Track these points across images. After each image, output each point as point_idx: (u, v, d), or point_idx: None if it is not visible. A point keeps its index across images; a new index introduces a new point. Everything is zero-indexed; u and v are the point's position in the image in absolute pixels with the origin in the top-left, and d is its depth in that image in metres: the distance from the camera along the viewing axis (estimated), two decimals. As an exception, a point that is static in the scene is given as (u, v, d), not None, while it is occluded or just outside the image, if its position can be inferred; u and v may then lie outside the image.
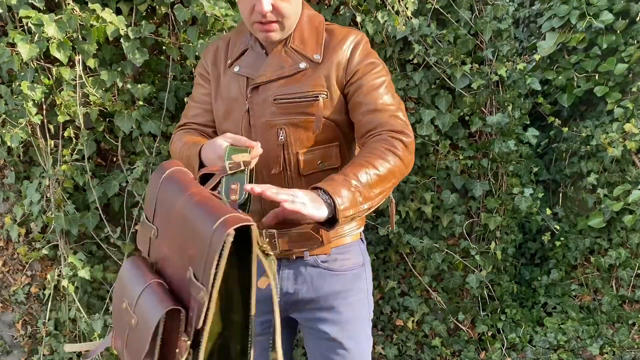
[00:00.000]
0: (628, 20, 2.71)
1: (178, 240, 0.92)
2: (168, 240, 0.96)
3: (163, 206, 0.99)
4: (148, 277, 0.94)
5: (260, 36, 1.28)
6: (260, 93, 1.31)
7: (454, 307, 2.69)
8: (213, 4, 2.03)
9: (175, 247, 0.94)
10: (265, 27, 1.24)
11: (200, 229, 0.86)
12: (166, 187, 1.00)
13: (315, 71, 1.30)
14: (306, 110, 1.29)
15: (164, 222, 0.98)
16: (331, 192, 1.07)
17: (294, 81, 1.30)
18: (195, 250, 0.86)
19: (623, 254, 2.70)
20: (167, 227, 0.97)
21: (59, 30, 1.94)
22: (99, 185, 2.21)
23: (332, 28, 1.36)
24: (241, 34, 1.39)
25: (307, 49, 1.31)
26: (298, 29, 1.33)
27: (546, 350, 2.60)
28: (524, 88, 2.60)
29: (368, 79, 1.31)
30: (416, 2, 2.41)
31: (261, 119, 1.31)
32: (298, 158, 1.31)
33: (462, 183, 2.60)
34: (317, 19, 1.37)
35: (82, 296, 2.28)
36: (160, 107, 2.25)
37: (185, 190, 0.95)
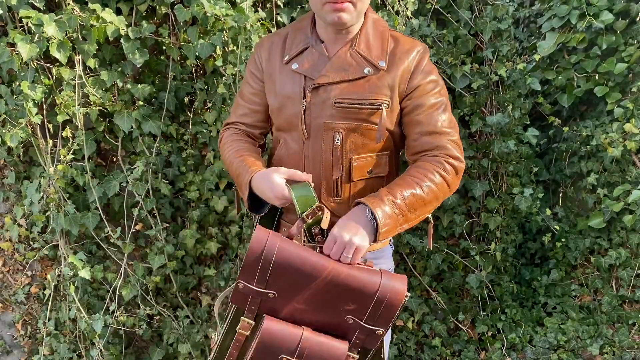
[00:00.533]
0: (628, 20, 2.71)
1: (325, 299, 1.13)
2: (304, 300, 1.13)
3: (292, 279, 1.12)
4: (297, 329, 1.12)
5: (330, 18, 1.22)
6: (320, 94, 1.28)
7: (454, 307, 2.69)
8: (214, 3, 2.03)
9: (318, 304, 1.13)
10: (337, 5, 1.19)
11: (370, 291, 1.12)
12: (290, 262, 1.11)
13: (380, 79, 1.28)
14: (367, 118, 1.28)
15: (294, 288, 1.12)
16: (376, 214, 1.16)
17: (357, 86, 1.28)
18: (358, 306, 1.12)
19: (623, 254, 2.70)
20: (300, 292, 1.12)
21: (58, 30, 1.94)
22: (99, 185, 2.21)
23: (397, 36, 1.34)
24: (300, 31, 1.35)
25: (372, 55, 1.28)
26: (363, 32, 1.30)
27: (546, 350, 2.60)
28: (524, 88, 2.60)
29: (429, 98, 1.30)
30: (416, 2, 2.41)
31: (318, 120, 1.29)
32: (351, 164, 1.31)
33: (462, 183, 2.60)
34: (381, 23, 1.35)
35: (82, 296, 2.28)
36: (160, 107, 2.25)
37: (321, 270, 1.11)
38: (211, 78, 2.29)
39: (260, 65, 1.39)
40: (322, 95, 1.28)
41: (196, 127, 2.32)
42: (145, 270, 2.32)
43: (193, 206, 2.36)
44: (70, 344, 2.36)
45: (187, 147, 2.32)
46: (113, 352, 2.32)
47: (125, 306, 2.36)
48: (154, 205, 2.26)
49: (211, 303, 2.51)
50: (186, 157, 2.32)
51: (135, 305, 2.37)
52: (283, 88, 1.33)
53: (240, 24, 2.08)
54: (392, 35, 1.33)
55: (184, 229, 2.35)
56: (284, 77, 1.33)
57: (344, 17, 1.22)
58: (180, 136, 2.34)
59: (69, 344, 2.36)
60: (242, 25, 2.09)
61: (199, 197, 2.33)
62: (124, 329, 2.33)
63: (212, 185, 2.30)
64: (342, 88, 1.27)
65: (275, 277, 1.11)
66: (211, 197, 2.32)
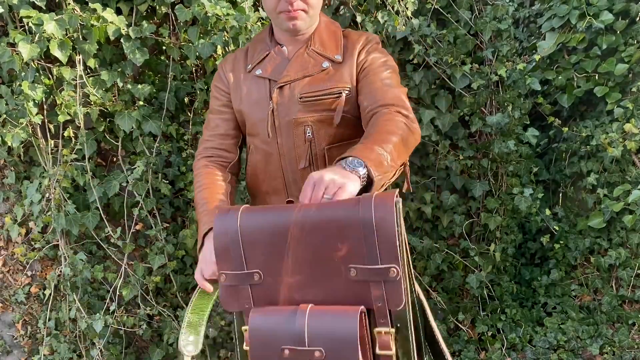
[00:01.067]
0: (628, 21, 2.71)
1: (311, 256, 0.92)
2: (292, 269, 0.94)
3: (265, 243, 0.96)
4: (293, 311, 0.91)
5: (285, 25, 1.33)
6: (285, 93, 1.37)
7: (454, 307, 2.69)
8: (215, 3, 2.03)
9: (308, 267, 0.93)
10: (291, 14, 1.30)
11: (351, 221, 0.88)
12: (256, 225, 0.97)
13: (338, 70, 1.37)
14: (332, 107, 1.35)
15: (274, 257, 0.96)
16: (359, 156, 1.06)
17: (318, 80, 1.36)
18: (349, 247, 0.89)
19: (623, 254, 2.70)
20: (282, 258, 0.95)
21: (59, 29, 1.94)
22: (99, 185, 2.20)
23: (348, 33, 1.45)
24: (260, 42, 1.46)
25: (327, 51, 1.38)
26: (317, 33, 1.41)
27: (546, 350, 2.60)
28: (524, 88, 2.60)
29: (373, 67, 1.37)
30: (416, 2, 2.41)
31: (286, 117, 1.37)
32: (324, 153, 1.37)
33: (462, 183, 2.60)
34: (333, 24, 1.46)
35: (82, 296, 2.28)
36: (161, 107, 2.25)
37: (292, 210, 0.94)
38: (211, 78, 2.29)
39: (224, 79, 1.48)
40: (287, 94, 1.36)
41: (196, 127, 2.32)
42: (146, 270, 2.32)
43: (193, 206, 2.36)
44: (71, 344, 2.36)
45: (187, 147, 2.32)
46: (113, 352, 2.32)
47: (125, 306, 2.36)
48: (154, 205, 2.26)
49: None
50: (186, 157, 2.32)
51: (136, 305, 2.37)
52: (250, 94, 1.42)
53: (242, 23, 2.08)
54: (343, 33, 1.44)
55: (184, 229, 2.35)
56: (249, 84, 1.42)
57: (298, 24, 1.33)
58: (180, 136, 2.34)
59: (69, 344, 2.35)
60: (244, 25, 2.09)
61: (199, 197, 2.33)
62: (124, 329, 2.33)
63: (212, 185, 2.30)
64: (305, 83, 1.36)
65: (250, 249, 0.97)
66: (211, 197, 2.32)
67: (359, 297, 0.90)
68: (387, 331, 0.87)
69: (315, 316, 0.89)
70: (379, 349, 0.88)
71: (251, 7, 2.20)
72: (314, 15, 1.36)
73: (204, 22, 2.07)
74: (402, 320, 0.89)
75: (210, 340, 2.48)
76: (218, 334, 2.49)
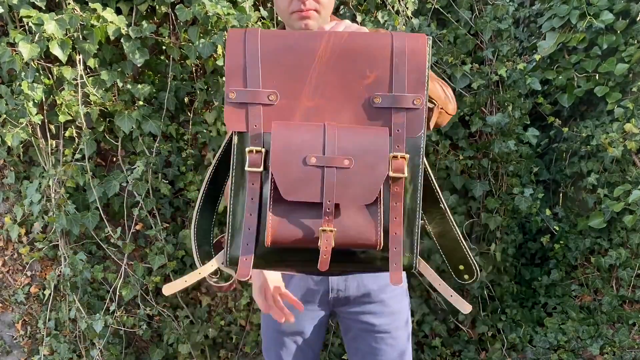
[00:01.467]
0: (628, 20, 2.71)
1: (336, 81, 0.92)
2: (312, 92, 0.92)
3: (288, 65, 0.92)
4: (319, 125, 0.90)
5: (297, 25, 1.31)
6: None
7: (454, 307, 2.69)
8: (215, 2, 2.03)
9: (330, 91, 0.92)
10: (303, 14, 1.27)
11: (384, 49, 0.91)
12: (281, 45, 0.92)
13: None
14: None
15: (295, 79, 0.92)
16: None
17: None
18: (377, 74, 0.91)
19: (623, 254, 2.70)
20: (304, 81, 0.92)
21: (59, 29, 1.94)
22: (99, 185, 2.20)
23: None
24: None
25: None
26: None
27: (546, 351, 2.60)
28: (524, 88, 2.60)
29: None
30: (416, 2, 2.41)
31: None
32: None
33: (462, 183, 2.60)
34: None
35: (82, 296, 2.28)
36: (160, 107, 2.25)
37: (323, 34, 0.93)
38: (211, 78, 2.29)
39: None
40: None
41: (196, 127, 2.32)
42: (145, 270, 2.32)
43: (193, 206, 2.35)
44: (70, 344, 2.36)
45: (187, 147, 2.32)
46: (113, 352, 2.32)
47: (125, 306, 2.36)
48: (154, 205, 2.26)
49: (211, 303, 2.51)
50: (186, 157, 2.32)
51: (135, 305, 2.37)
52: None
53: (243, 23, 2.08)
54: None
55: (183, 229, 2.35)
56: None
57: (310, 24, 1.30)
58: (180, 136, 2.34)
59: (69, 344, 2.35)
60: (244, 25, 2.09)
61: (199, 197, 2.33)
62: (124, 329, 2.33)
63: (212, 185, 2.30)
64: None
65: (269, 69, 0.92)
66: (211, 197, 2.32)
67: (377, 123, 0.92)
68: (402, 155, 0.90)
69: (344, 130, 0.90)
70: (392, 171, 0.90)
71: (251, 7, 2.19)
72: (325, 15, 1.34)
73: (204, 21, 2.07)
74: (416, 148, 0.94)
75: (210, 340, 2.48)
76: (218, 334, 2.49)
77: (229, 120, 0.93)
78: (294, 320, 1.28)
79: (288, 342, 1.41)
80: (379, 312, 1.37)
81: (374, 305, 1.37)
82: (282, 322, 1.26)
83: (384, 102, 0.92)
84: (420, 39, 0.94)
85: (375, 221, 0.89)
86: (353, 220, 0.88)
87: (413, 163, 0.94)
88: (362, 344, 1.40)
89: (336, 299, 1.37)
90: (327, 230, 0.86)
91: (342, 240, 0.88)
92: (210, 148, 2.34)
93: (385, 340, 1.38)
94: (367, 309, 1.37)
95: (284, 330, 1.39)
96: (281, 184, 0.87)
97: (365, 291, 1.36)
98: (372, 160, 0.88)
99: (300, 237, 0.88)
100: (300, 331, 1.39)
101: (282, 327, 1.38)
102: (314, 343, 1.43)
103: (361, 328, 1.39)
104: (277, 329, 1.39)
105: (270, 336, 1.42)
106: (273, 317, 1.28)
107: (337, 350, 2.55)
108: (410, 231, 0.94)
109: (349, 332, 1.42)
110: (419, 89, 0.92)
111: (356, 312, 1.38)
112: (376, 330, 1.37)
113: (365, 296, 1.36)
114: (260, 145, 0.92)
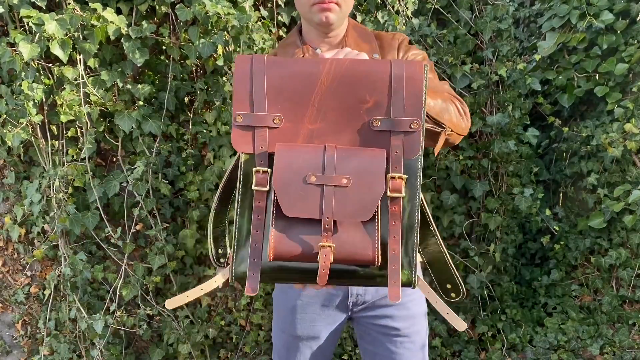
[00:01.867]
0: (628, 20, 2.71)
1: (338, 105, 0.97)
2: (315, 116, 0.97)
3: (292, 90, 0.98)
4: (319, 147, 0.95)
5: (317, 18, 1.29)
6: None
7: (454, 307, 2.69)
8: (215, 2, 2.03)
9: (332, 115, 0.97)
10: (324, 6, 1.27)
11: (383, 75, 0.96)
12: (286, 72, 0.98)
13: None
14: None
15: (298, 104, 0.98)
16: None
17: None
18: (376, 99, 0.97)
19: (623, 254, 2.70)
20: (307, 106, 0.97)
21: (59, 28, 1.94)
22: (99, 185, 2.20)
23: (378, 33, 1.43)
24: (290, 45, 1.42)
25: (363, 51, 1.33)
26: (349, 34, 1.37)
27: (546, 351, 2.60)
28: (524, 88, 2.60)
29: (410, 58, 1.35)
30: (416, 2, 2.41)
31: None
32: None
33: (462, 183, 2.60)
34: (362, 26, 1.44)
35: (82, 296, 2.28)
36: (161, 107, 2.25)
37: (325, 61, 0.98)
38: (211, 78, 2.29)
39: None
40: None
41: (196, 127, 2.32)
42: (145, 270, 2.32)
43: (193, 206, 2.35)
44: (70, 344, 2.36)
45: (187, 147, 2.32)
46: (113, 352, 2.32)
47: (125, 306, 2.36)
48: (154, 205, 2.26)
49: (211, 303, 2.51)
50: (186, 157, 2.32)
51: (136, 305, 2.37)
52: None
53: (243, 23, 2.08)
54: (375, 34, 1.42)
55: (184, 229, 2.35)
56: None
57: (330, 17, 1.29)
58: (180, 136, 2.34)
59: (69, 344, 2.35)
60: (245, 25, 2.09)
61: (199, 197, 2.33)
62: (124, 329, 2.33)
63: (212, 185, 2.30)
64: None
65: (275, 94, 0.98)
66: (211, 197, 2.32)
67: (376, 145, 0.98)
68: (400, 176, 0.96)
69: (343, 151, 0.95)
70: (390, 191, 0.95)
71: (251, 7, 2.19)
72: (346, 10, 1.33)
73: (205, 21, 2.07)
74: (414, 169, 0.99)
75: (210, 340, 2.48)
76: (218, 334, 2.49)
77: (237, 142, 0.98)
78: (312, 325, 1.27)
79: (302, 347, 1.38)
80: (398, 316, 1.35)
81: (393, 308, 1.35)
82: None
83: (383, 126, 0.97)
84: (417, 67, 0.98)
85: (373, 238, 0.93)
86: (351, 237, 0.93)
87: (411, 183, 0.99)
88: (381, 348, 1.38)
89: (355, 303, 1.35)
90: (325, 246, 0.90)
91: (340, 255, 0.92)
92: (210, 148, 2.34)
93: (404, 344, 1.36)
94: (386, 313, 1.35)
95: (300, 335, 1.36)
96: (283, 201, 0.92)
97: (384, 294, 1.34)
98: (370, 179, 0.93)
99: (300, 252, 0.92)
100: (316, 336, 1.37)
101: (297, 331, 1.36)
102: (327, 349, 1.41)
103: (380, 332, 1.37)
104: (292, 334, 1.37)
105: (283, 340, 1.40)
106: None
107: (337, 350, 2.55)
108: (409, 249, 0.99)
109: (366, 336, 1.40)
110: (416, 113, 0.97)
111: (375, 315, 1.36)
112: (395, 334, 1.35)
113: (384, 299, 1.34)
114: (266, 166, 0.97)
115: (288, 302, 1.37)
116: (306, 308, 1.33)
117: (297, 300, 1.34)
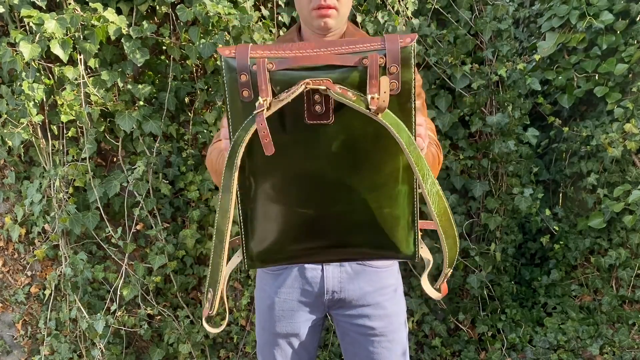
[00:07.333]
0: (628, 21, 2.71)
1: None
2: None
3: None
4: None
5: (316, 23, 1.31)
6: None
7: (454, 307, 2.70)
8: (216, 2, 2.03)
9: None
10: (322, 11, 1.28)
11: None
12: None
13: None
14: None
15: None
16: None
17: None
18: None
19: (623, 254, 2.70)
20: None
21: (59, 28, 1.94)
22: (99, 185, 2.21)
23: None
24: (289, 42, 1.41)
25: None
26: (348, 35, 1.38)
27: (546, 351, 2.60)
28: (524, 88, 2.60)
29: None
30: (416, 2, 2.41)
31: None
32: None
33: (462, 183, 2.61)
34: (360, 31, 1.45)
35: (82, 296, 2.28)
36: (161, 107, 2.25)
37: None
38: (211, 78, 2.29)
39: None
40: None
41: (196, 127, 2.32)
42: (146, 270, 2.32)
43: (193, 206, 2.36)
44: (71, 344, 2.36)
45: (187, 147, 2.33)
46: (114, 352, 2.32)
47: (125, 306, 2.36)
48: (154, 205, 2.26)
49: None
50: (186, 157, 2.33)
51: (136, 305, 2.38)
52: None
53: (244, 23, 2.08)
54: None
55: (184, 229, 2.35)
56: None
57: (329, 23, 1.31)
58: (180, 136, 2.34)
59: (69, 344, 2.36)
60: (246, 25, 2.09)
61: (199, 197, 2.33)
62: (125, 329, 2.33)
63: (212, 185, 2.30)
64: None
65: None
66: (211, 197, 2.33)
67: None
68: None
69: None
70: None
71: (252, 7, 2.20)
72: (344, 14, 1.34)
73: (205, 22, 2.07)
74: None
75: (210, 340, 2.48)
76: (218, 334, 2.49)
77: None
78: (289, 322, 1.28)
79: (283, 343, 1.40)
80: (375, 315, 1.36)
81: (370, 307, 1.35)
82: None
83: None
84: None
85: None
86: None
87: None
88: (360, 348, 1.39)
89: (331, 300, 1.36)
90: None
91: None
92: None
93: (382, 343, 1.37)
94: (363, 312, 1.36)
95: (279, 332, 1.38)
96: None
97: (360, 293, 1.35)
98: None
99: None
100: (295, 333, 1.38)
101: (276, 328, 1.37)
102: (309, 345, 1.42)
103: (358, 332, 1.37)
104: (271, 331, 1.39)
105: (264, 338, 1.42)
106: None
107: (337, 350, 2.55)
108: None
109: (346, 336, 1.41)
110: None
111: (352, 315, 1.37)
112: (373, 334, 1.36)
113: (361, 298, 1.35)
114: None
115: (266, 299, 1.38)
116: (283, 305, 1.34)
117: (275, 298, 1.36)
